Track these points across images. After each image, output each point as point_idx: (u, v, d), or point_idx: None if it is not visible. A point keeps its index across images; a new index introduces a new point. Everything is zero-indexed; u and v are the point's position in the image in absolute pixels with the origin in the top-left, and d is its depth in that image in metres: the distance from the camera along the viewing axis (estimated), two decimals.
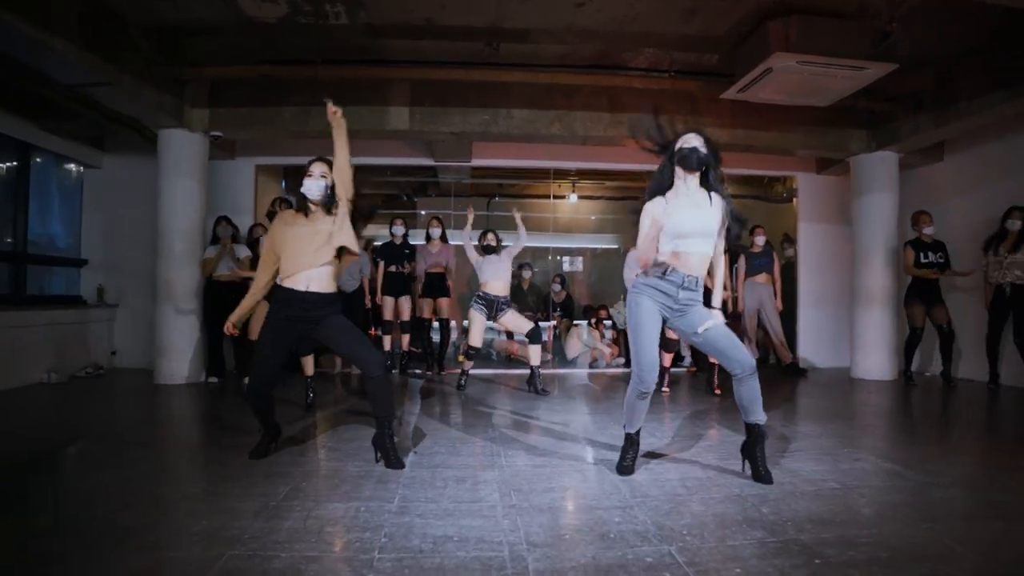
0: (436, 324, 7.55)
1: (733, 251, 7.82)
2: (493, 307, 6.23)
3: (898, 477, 3.36)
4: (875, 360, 7.40)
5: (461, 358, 8.65)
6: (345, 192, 3.58)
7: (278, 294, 3.52)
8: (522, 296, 9.27)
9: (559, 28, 5.43)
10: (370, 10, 5.11)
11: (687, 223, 3.16)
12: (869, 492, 3.11)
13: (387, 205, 11.22)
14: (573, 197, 10.62)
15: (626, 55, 6.02)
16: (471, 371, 6.46)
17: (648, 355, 3.21)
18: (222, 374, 6.84)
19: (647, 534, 2.50)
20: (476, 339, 6.28)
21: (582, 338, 8.62)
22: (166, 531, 2.52)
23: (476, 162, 8.18)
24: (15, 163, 6.87)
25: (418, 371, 7.49)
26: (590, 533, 2.52)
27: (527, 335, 6.22)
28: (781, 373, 7.70)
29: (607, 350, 8.56)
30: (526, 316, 8.87)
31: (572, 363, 8.55)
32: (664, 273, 3.23)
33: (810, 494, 3.04)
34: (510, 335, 8.74)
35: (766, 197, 10.48)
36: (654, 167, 3.43)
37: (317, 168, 3.67)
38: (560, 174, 9.66)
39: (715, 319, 3.28)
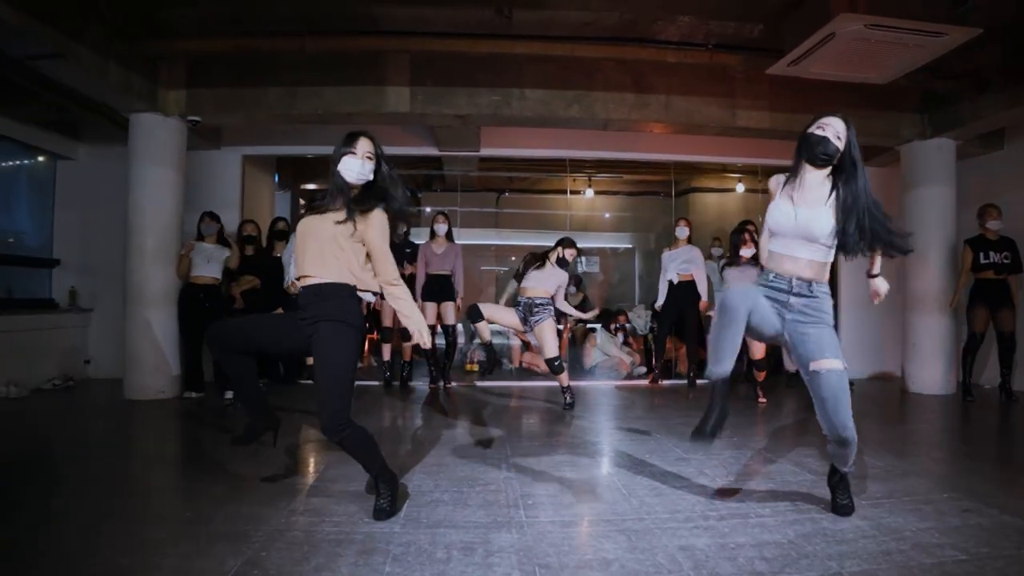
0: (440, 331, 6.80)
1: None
2: (530, 310, 5.49)
3: None
4: (931, 372, 6.65)
5: (471, 366, 7.95)
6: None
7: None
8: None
9: None
10: None
11: (795, 221, 2.78)
12: (1007, 565, 2.34)
13: None
14: (589, 192, 9.85)
15: (657, 25, 5.25)
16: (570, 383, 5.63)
17: (726, 360, 2.76)
18: (201, 388, 6.10)
19: None
20: (551, 348, 5.49)
21: (603, 347, 7.88)
22: None
23: (485, 151, 7.44)
24: None
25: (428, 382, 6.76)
26: None
27: (546, 362, 5.51)
28: None
29: (627, 358, 7.81)
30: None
31: (590, 373, 7.80)
32: (770, 278, 2.84)
33: (932, 570, 2.28)
34: (526, 345, 8.00)
35: None
36: (685, 157, 2.84)
37: (362, 145, 2.87)
38: (576, 165, 8.91)
39: (833, 363, 2.70)
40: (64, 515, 2.88)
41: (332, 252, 2.74)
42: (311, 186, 10.02)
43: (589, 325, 8.53)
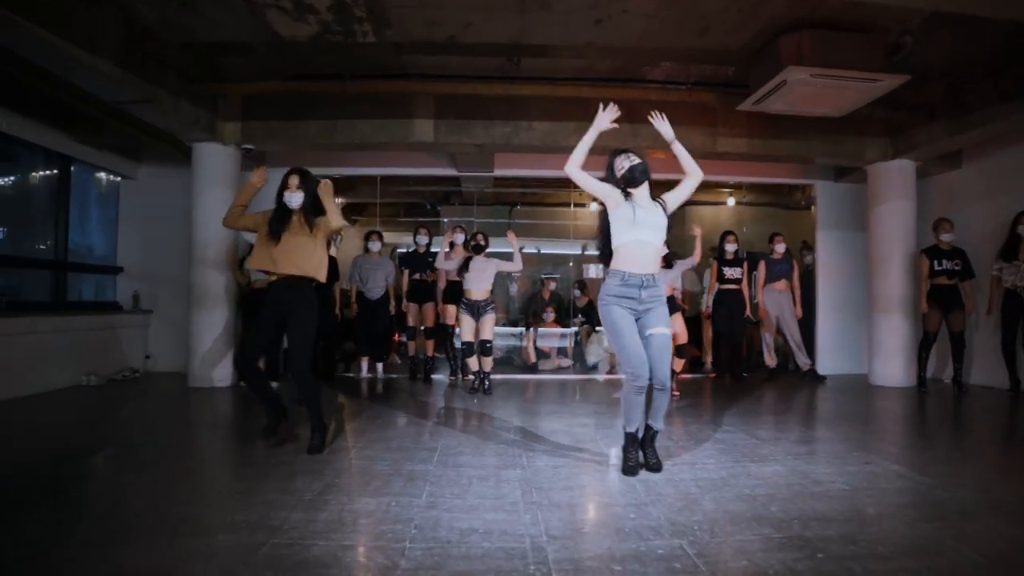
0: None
1: (752, 257, 7.98)
2: (476, 310, 6.57)
3: (904, 479, 3.48)
4: (892, 367, 7.46)
5: (479, 363, 8.87)
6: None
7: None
8: (542, 304, 9.42)
9: (578, 44, 5.60)
10: (396, 29, 5.31)
11: (640, 215, 3.55)
12: (875, 493, 3.24)
13: (410, 214, 11.45)
14: (593, 205, 10.75)
15: (644, 68, 6.18)
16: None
17: (634, 350, 3.46)
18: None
19: (660, 529, 2.66)
20: (467, 334, 6.61)
21: (602, 344, 8.76)
22: (213, 520, 2.72)
23: (498, 172, 8.35)
24: (56, 175, 7.18)
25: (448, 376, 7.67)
26: (606, 528, 2.69)
27: (479, 344, 6.59)
28: (800, 379, 7.78)
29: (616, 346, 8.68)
30: (551, 323, 9.13)
31: (593, 369, 8.69)
32: (624, 279, 3.54)
33: (818, 494, 3.17)
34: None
35: (785, 204, 10.57)
36: (671, 176, 3.75)
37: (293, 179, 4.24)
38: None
39: (664, 330, 3.54)
40: (184, 458, 3.87)
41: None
42: (338, 200, 10.96)
43: (598, 328, 9.39)
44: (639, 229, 3.52)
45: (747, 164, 8.23)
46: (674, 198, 3.75)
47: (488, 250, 6.71)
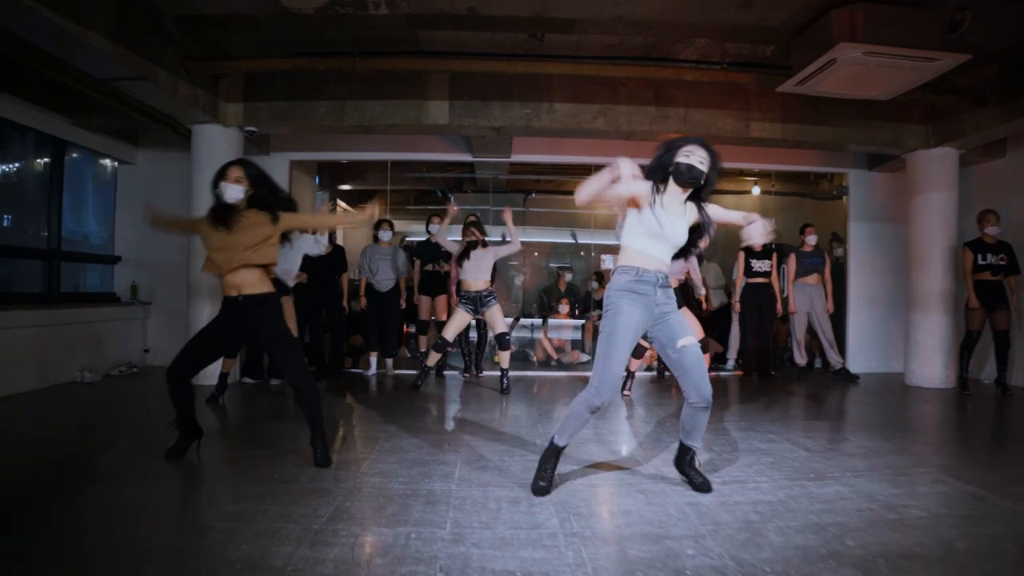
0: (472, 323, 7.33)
1: (782, 250, 7.57)
2: (477, 303, 6.19)
3: (985, 504, 3.08)
4: (932, 367, 7.06)
5: (497, 358, 8.49)
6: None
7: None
8: (558, 296, 9.03)
9: (607, 17, 5.16)
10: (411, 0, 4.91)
11: (667, 225, 3.01)
12: (958, 522, 2.84)
13: (420, 201, 11.07)
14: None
15: (676, 46, 5.73)
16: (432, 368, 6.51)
17: (617, 368, 3.00)
18: (259, 375, 6.69)
19: (726, 571, 2.28)
20: (450, 333, 6.21)
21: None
22: (204, 558, 2.34)
23: (516, 158, 7.95)
24: (49, 159, 6.78)
25: (458, 371, 7.29)
26: (664, 569, 2.30)
27: (496, 338, 6.23)
28: (831, 378, 7.39)
29: (647, 351, 8.27)
30: (565, 315, 8.73)
31: None
32: (638, 275, 3.05)
33: (894, 523, 2.78)
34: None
35: (813, 194, 10.13)
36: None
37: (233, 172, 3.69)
38: (600, 169, 9.38)
39: (693, 339, 3.10)
40: (178, 470, 3.49)
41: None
42: (346, 187, 10.59)
43: None
44: (660, 243, 3.06)
45: (776, 151, 7.82)
46: (719, 214, 3.22)
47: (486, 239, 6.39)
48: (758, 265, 7.29)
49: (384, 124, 6.39)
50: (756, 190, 10.10)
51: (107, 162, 7.81)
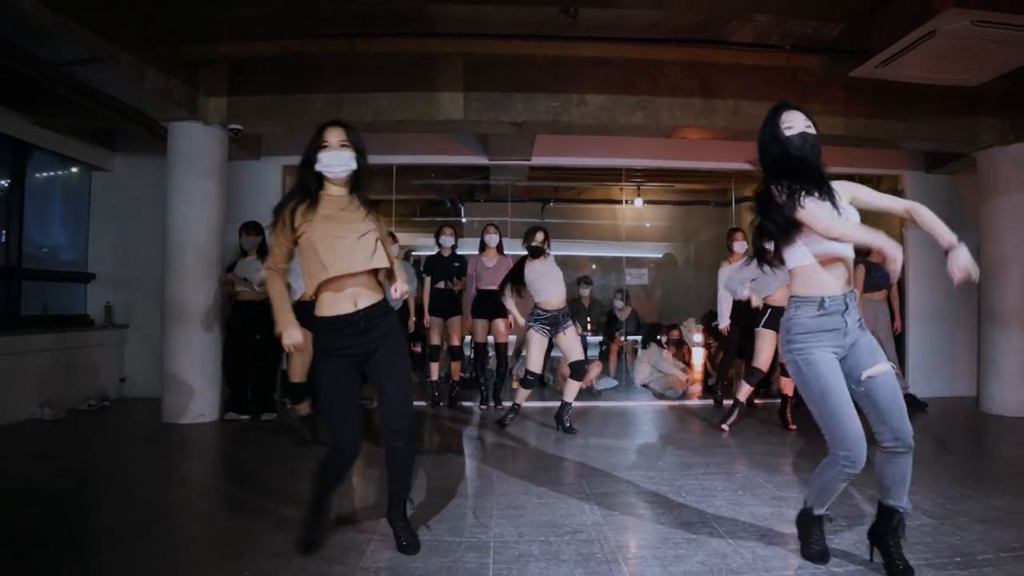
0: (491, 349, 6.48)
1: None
2: (556, 324, 5.24)
3: None
4: (1014, 392, 6.19)
5: (516, 384, 7.61)
6: None
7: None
8: (583, 314, 8.17)
9: None
10: None
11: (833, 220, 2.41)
12: None
13: (428, 212, 10.25)
14: (639, 201, 9.48)
15: (731, 25, 4.89)
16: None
17: (852, 423, 2.35)
18: (247, 410, 5.82)
19: None
20: (535, 364, 5.33)
21: (651, 361, 7.50)
22: None
23: (537, 160, 7.12)
24: (8, 164, 5.97)
25: (472, 404, 6.41)
26: None
27: (571, 366, 5.24)
28: None
29: (681, 375, 7.42)
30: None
31: (641, 390, 7.43)
32: (822, 305, 2.42)
33: None
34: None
35: None
36: (745, 165, 2.52)
37: (335, 136, 2.69)
38: (627, 174, 8.56)
39: (887, 366, 2.42)
40: (130, 546, 2.61)
41: None
42: None
43: (631, 338, 8.21)
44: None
45: (825, 152, 6.97)
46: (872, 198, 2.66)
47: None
48: None
49: (390, 120, 5.58)
50: None
51: (80, 168, 6.99)
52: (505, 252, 6.37)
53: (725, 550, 2.72)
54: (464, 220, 9.75)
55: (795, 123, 2.60)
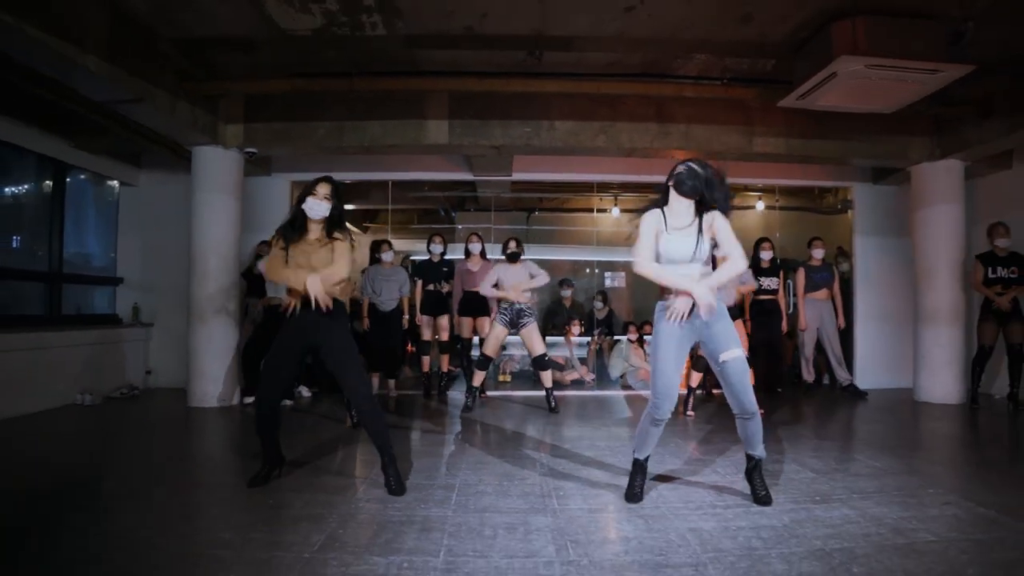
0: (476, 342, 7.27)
1: (788, 265, 7.48)
2: (519, 316, 6.16)
3: (998, 527, 2.98)
4: (941, 382, 6.93)
5: (504, 377, 8.43)
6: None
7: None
8: (563, 315, 8.95)
9: (607, 35, 5.14)
10: (408, 19, 4.88)
11: (675, 249, 3.21)
12: (971, 548, 2.74)
13: (424, 220, 11.04)
14: (615, 211, 10.27)
15: (676, 62, 5.69)
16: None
17: (664, 380, 3.22)
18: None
19: None
20: (491, 349, 6.20)
21: (621, 355, 8.27)
22: None
23: (517, 176, 7.91)
24: (50, 181, 6.79)
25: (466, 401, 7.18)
26: None
27: (533, 360, 6.25)
28: (839, 395, 7.28)
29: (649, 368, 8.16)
30: (573, 331, 8.63)
31: (616, 383, 8.20)
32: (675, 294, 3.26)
33: (903, 548, 2.69)
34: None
35: (817, 208, 10.06)
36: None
37: (322, 189, 3.63)
38: (603, 187, 9.35)
39: (737, 352, 3.22)
40: (170, 496, 3.42)
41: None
42: (350, 206, 10.56)
43: (616, 337, 8.93)
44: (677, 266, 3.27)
45: (780, 166, 7.77)
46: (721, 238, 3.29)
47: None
48: (765, 282, 7.15)
49: (384, 144, 6.38)
50: (760, 205, 10.01)
51: (110, 184, 7.80)
52: (488, 257, 7.17)
53: (654, 523, 3.52)
54: (460, 227, 10.50)
55: (690, 162, 3.26)
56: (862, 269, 8.19)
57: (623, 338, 8.61)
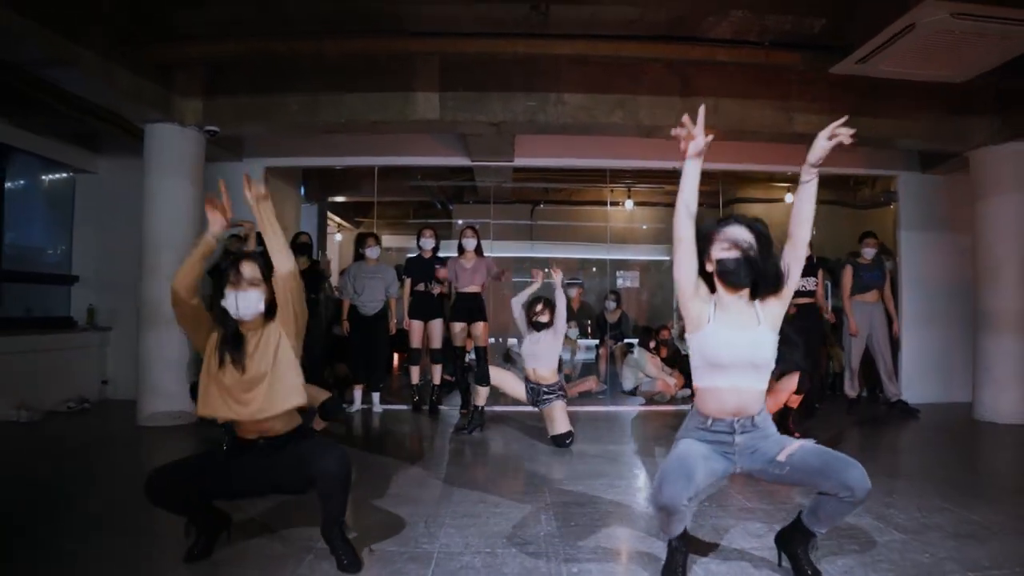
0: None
1: (827, 264, 6.61)
2: (537, 395, 5.03)
3: None
4: (1007, 400, 6.03)
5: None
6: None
7: None
8: (570, 317, 8.08)
9: None
10: None
11: (726, 351, 2.37)
12: None
13: (420, 215, 10.22)
14: (629, 203, 9.40)
15: (707, 21, 4.80)
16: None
17: (672, 486, 2.22)
18: None
19: None
20: (511, 391, 5.22)
21: (635, 364, 7.36)
22: None
23: (519, 161, 7.05)
24: None
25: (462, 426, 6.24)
26: None
27: (552, 439, 4.95)
28: (887, 412, 6.39)
29: (671, 380, 7.29)
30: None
31: (630, 395, 7.31)
32: (704, 424, 2.44)
33: None
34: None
35: (852, 202, 9.17)
36: (734, 166, 2.51)
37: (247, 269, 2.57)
38: (616, 176, 8.48)
39: (794, 444, 2.37)
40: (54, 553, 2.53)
41: None
42: (339, 199, 9.75)
43: (627, 341, 8.08)
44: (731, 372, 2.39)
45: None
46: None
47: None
48: (801, 283, 6.28)
49: (366, 120, 5.54)
50: (789, 198, 9.13)
51: (63, 170, 6.99)
52: (484, 254, 6.28)
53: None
54: (459, 222, 9.70)
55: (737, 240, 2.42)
56: (908, 268, 7.31)
57: (635, 342, 7.73)
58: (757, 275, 2.36)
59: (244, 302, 2.49)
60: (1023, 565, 2.61)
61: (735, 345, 2.34)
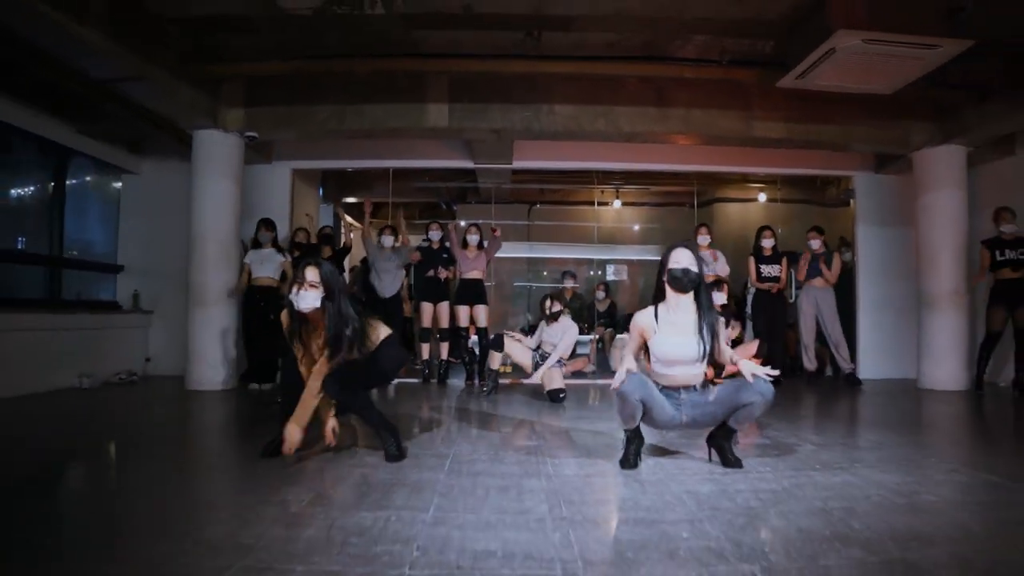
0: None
1: (793, 255, 7.44)
2: (543, 359, 6.03)
3: (1004, 490, 2.93)
4: (944, 369, 6.85)
5: (503, 367, 8.36)
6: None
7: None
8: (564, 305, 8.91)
9: (605, 14, 5.12)
10: None
11: (672, 349, 3.23)
12: (974, 508, 2.70)
13: (426, 215, 11.04)
14: (617, 203, 10.24)
15: (675, 43, 5.67)
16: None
17: (630, 383, 3.12)
18: (271, 379, 6.55)
19: (723, 552, 2.14)
20: (519, 359, 6.21)
21: (621, 347, 8.18)
22: (168, 536, 2.24)
23: (517, 164, 7.90)
24: (52, 167, 6.80)
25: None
26: (655, 550, 2.16)
27: (551, 391, 5.88)
28: (839, 383, 7.22)
29: None
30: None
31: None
32: (660, 388, 3.29)
33: (904, 507, 2.64)
34: None
35: (820, 201, 10.00)
36: (706, 168, 3.45)
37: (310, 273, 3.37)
38: (604, 177, 9.33)
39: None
40: (163, 462, 3.39)
41: None
42: (351, 199, 10.56)
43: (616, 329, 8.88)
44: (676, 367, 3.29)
45: (781, 155, 7.73)
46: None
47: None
48: (767, 270, 7.14)
49: (385, 127, 6.39)
50: (762, 197, 9.97)
51: (113, 171, 7.80)
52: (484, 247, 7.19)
53: (649, 487, 3.47)
54: (464, 223, 10.49)
55: (681, 260, 3.22)
56: (864, 259, 8.12)
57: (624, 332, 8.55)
58: (693, 283, 3.21)
59: (304, 300, 3.32)
60: (904, 461, 3.46)
61: (679, 346, 3.21)
